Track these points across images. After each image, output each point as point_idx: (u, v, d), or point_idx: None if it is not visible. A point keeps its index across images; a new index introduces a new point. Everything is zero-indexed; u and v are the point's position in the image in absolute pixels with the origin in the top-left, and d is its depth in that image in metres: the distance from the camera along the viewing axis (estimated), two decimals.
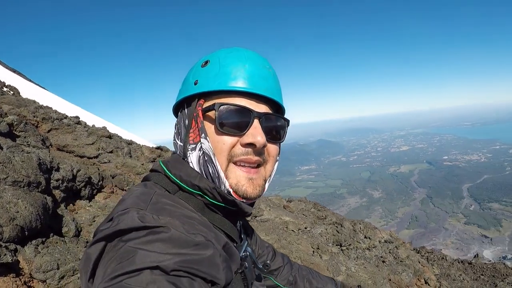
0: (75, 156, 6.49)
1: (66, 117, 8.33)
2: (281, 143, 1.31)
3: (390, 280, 5.84)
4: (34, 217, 3.13)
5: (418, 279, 6.19)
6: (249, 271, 1.21)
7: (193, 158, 1.18)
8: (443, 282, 6.35)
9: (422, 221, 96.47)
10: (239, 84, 1.16)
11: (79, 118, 9.35)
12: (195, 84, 1.20)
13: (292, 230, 6.83)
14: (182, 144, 1.23)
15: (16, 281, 2.76)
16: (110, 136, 8.83)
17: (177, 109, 1.33)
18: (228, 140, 1.14)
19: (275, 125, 1.25)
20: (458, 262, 7.76)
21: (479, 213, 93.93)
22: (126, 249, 0.82)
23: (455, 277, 6.84)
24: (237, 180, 1.14)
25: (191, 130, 1.20)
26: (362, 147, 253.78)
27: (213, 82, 1.17)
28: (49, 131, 7.03)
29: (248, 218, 6.79)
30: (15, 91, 11.72)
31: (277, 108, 1.32)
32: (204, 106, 1.19)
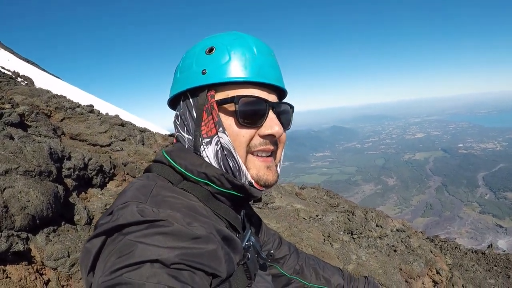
0: (88, 144, 6.55)
1: (79, 106, 8.41)
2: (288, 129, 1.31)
3: (401, 269, 5.81)
4: (45, 206, 3.17)
5: (429, 269, 6.14)
6: (251, 262, 1.19)
7: (209, 152, 1.16)
8: (455, 273, 6.28)
9: (436, 209, 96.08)
10: (253, 74, 1.14)
11: (93, 107, 9.43)
12: (203, 73, 1.15)
13: (303, 218, 6.82)
14: (191, 137, 1.20)
15: (28, 269, 2.81)
16: (123, 124, 8.90)
17: (177, 98, 1.28)
18: (247, 132, 1.14)
19: (284, 113, 1.25)
20: (472, 252, 7.68)
21: (494, 202, 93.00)
22: (126, 242, 0.82)
23: (467, 268, 6.77)
24: (257, 170, 1.15)
25: (203, 123, 1.16)
26: (377, 134, 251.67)
27: (226, 72, 1.13)
28: (62, 120, 7.10)
29: (260, 205, 6.80)
30: (29, 81, 11.86)
31: (281, 94, 1.31)
32: (218, 98, 1.14)
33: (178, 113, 1.27)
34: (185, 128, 1.23)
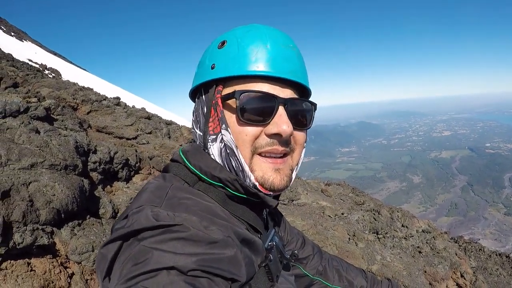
0: (114, 137, 6.60)
1: (105, 98, 8.49)
2: (308, 129, 1.19)
3: (425, 272, 5.66)
4: (70, 200, 3.17)
5: (454, 272, 5.96)
6: (274, 263, 1.12)
7: (214, 150, 1.09)
8: (479, 276, 6.08)
9: (461, 209, 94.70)
10: (261, 67, 1.04)
11: (119, 99, 9.52)
12: (212, 68, 1.09)
13: (329, 216, 6.71)
14: (201, 133, 1.14)
15: (52, 262, 2.83)
16: (149, 117, 8.95)
17: (195, 93, 1.23)
18: (251, 130, 1.04)
19: (302, 110, 1.14)
20: (496, 255, 7.40)
21: None
22: (141, 249, 0.78)
23: (491, 271, 6.55)
24: (263, 172, 1.05)
25: (211, 120, 1.11)
26: (404, 130, 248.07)
27: (231, 66, 1.06)
28: (88, 113, 7.18)
29: (285, 201, 6.72)
30: (56, 74, 12.08)
31: (303, 91, 1.20)
32: (223, 94, 1.08)
33: (194, 109, 1.23)
34: (198, 125, 1.18)
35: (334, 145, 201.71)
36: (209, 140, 1.10)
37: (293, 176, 1.15)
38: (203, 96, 1.15)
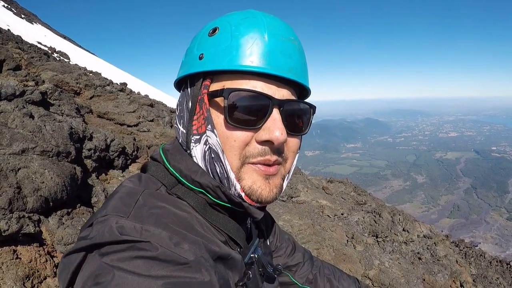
0: (115, 123, 6.53)
1: (109, 84, 8.42)
2: (304, 135, 1.06)
3: (424, 280, 5.56)
4: (60, 188, 3.10)
5: (453, 281, 5.86)
6: (252, 281, 1.02)
7: (197, 152, 0.98)
8: (479, 286, 5.99)
9: (464, 211, 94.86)
10: (256, 62, 0.91)
11: (125, 85, 9.44)
12: (200, 58, 0.96)
13: (328, 216, 6.61)
14: (184, 131, 1.02)
15: (39, 251, 2.76)
16: (152, 105, 8.88)
17: (180, 84, 1.09)
18: (241, 136, 0.92)
19: (299, 113, 1.02)
20: (497, 262, 7.29)
21: None
22: (103, 266, 0.70)
23: (492, 280, 6.44)
24: (252, 181, 0.93)
25: (195, 117, 0.98)
26: (410, 129, 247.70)
27: (222, 59, 0.92)
28: (91, 97, 7.11)
29: (284, 198, 6.62)
30: (65, 57, 12.00)
31: (301, 90, 1.07)
32: (210, 89, 0.96)
33: (178, 102, 1.10)
34: (181, 120, 1.05)
35: (339, 140, 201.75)
36: (192, 140, 0.99)
37: (284, 185, 1.04)
38: (189, 89, 1.03)
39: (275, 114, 0.93)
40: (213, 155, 0.94)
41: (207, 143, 0.95)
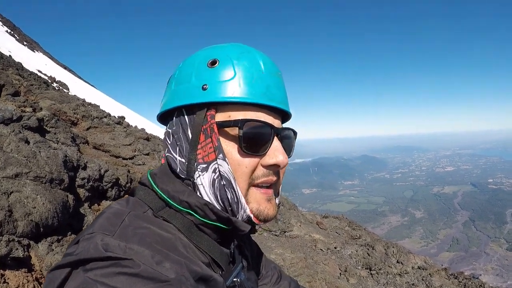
0: (110, 155, 6.57)
1: (106, 116, 8.51)
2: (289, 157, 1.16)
3: None
4: (51, 214, 3.12)
5: None
6: None
7: (205, 180, 1.01)
8: None
9: (463, 244, 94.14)
10: (261, 95, 1.01)
11: (123, 119, 9.54)
12: (204, 89, 1.00)
13: (321, 249, 6.56)
14: (184, 160, 1.05)
15: (27, 277, 2.75)
16: (148, 139, 8.95)
17: (170, 113, 1.12)
18: (250, 162, 1.01)
19: (289, 139, 1.13)
20: None
21: None
22: (86, 280, 0.74)
23: None
24: (258, 204, 1.03)
25: (199, 146, 1.02)
26: (407, 165, 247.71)
27: (230, 91, 1.00)
28: (88, 129, 7.18)
29: (277, 233, 6.60)
30: (64, 87, 12.15)
31: (283, 118, 1.17)
32: (218, 120, 1.01)
33: (170, 130, 1.12)
34: (178, 149, 1.08)
35: (336, 178, 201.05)
36: (199, 169, 1.02)
37: (277, 202, 1.13)
38: (186, 118, 1.06)
39: (276, 141, 1.04)
40: (224, 182, 0.99)
41: (217, 171, 0.99)
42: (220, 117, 1.01)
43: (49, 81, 12.04)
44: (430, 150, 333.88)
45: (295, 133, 1.16)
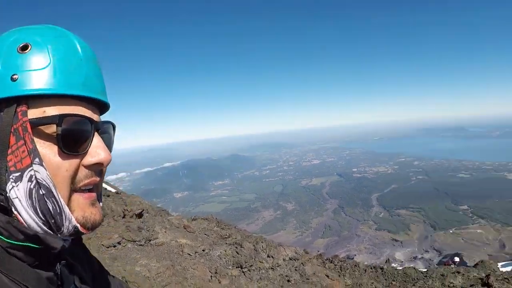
0: None
1: None
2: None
3: None
4: None
5: None
6: None
7: (20, 191, 0.82)
8: None
9: (335, 230, 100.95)
10: (80, 86, 0.87)
11: None
12: (14, 79, 0.81)
13: (189, 254, 6.33)
14: None
15: None
16: None
17: None
18: (72, 164, 0.86)
19: (109, 134, 1.02)
20: (371, 269, 7.76)
21: (389, 220, 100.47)
22: None
23: (367, 286, 6.81)
24: (83, 211, 0.89)
25: (9, 151, 0.82)
26: (274, 161, 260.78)
27: (46, 81, 0.82)
28: None
29: (141, 242, 6.19)
30: None
31: (102, 110, 1.03)
32: (32, 116, 0.83)
33: None
34: None
35: (207, 179, 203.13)
36: (11, 179, 0.81)
37: (101, 205, 0.99)
38: None
39: (97, 137, 0.92)
40: (43, 192, 0.82)
41: (34, 178, 0.82)
42: (33, 113, 0.84)
43: None
44: (297, 146, 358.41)
45: (114, 126, 1.05)
